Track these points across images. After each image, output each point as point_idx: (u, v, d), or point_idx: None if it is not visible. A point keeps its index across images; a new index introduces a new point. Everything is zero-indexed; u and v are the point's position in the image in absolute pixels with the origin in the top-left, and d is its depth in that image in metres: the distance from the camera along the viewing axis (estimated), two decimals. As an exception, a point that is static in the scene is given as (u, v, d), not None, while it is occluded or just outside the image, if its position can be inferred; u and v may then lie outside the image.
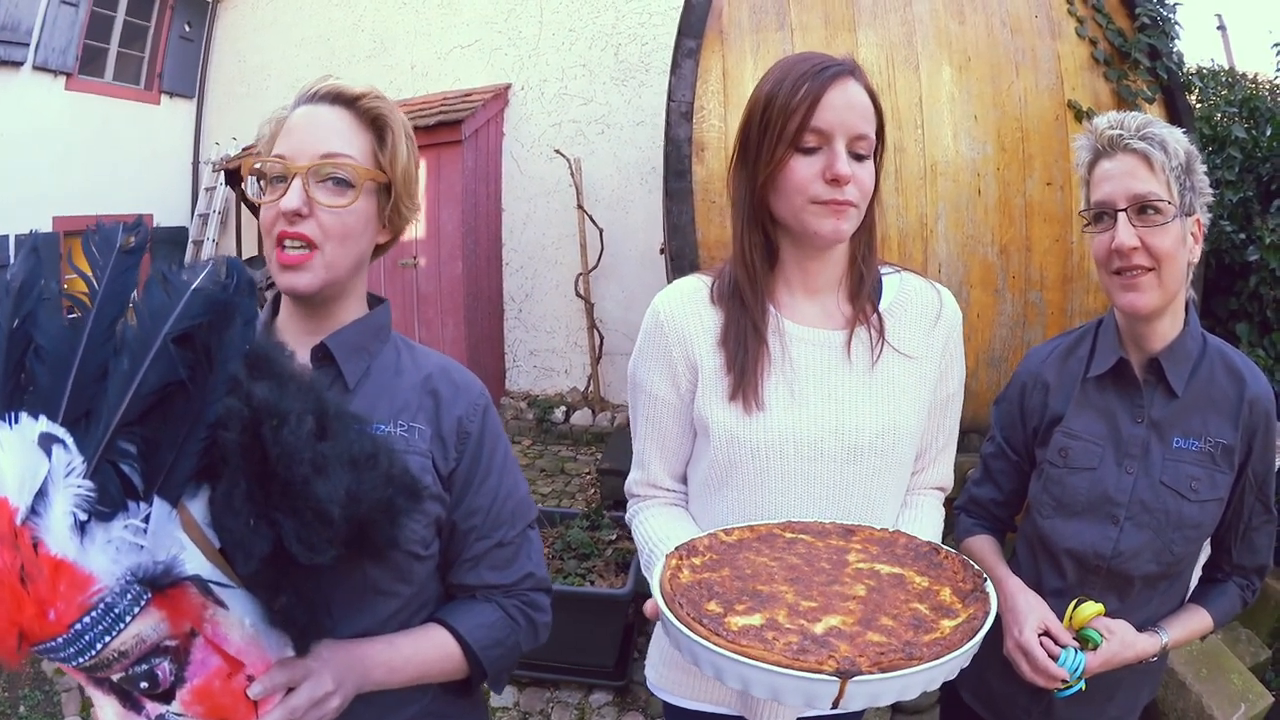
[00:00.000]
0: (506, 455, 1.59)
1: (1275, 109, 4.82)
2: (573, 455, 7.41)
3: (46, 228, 8.49)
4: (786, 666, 1.17)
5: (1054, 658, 1.71)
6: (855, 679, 1.16)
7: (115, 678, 1.08)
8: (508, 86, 8.50)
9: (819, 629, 1.28)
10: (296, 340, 1.41)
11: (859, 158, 1.55)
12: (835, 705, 1.17)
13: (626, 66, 8.08)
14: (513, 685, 4.14)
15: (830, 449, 1.62)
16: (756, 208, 1.63)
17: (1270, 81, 6.55)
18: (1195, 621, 1.91)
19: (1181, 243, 1.70)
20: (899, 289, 1.72)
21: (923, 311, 1.70)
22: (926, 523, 1.76)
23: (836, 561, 1.48)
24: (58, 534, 1.00)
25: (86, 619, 1.01)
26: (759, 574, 1.42)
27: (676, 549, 1.49)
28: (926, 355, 1.69)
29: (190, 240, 10.14)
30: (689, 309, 1.69)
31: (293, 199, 1.36)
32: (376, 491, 1.15)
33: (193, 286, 1.11)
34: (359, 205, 1.43)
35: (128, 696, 1.12)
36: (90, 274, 1.14)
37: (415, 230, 7.83)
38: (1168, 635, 1.84)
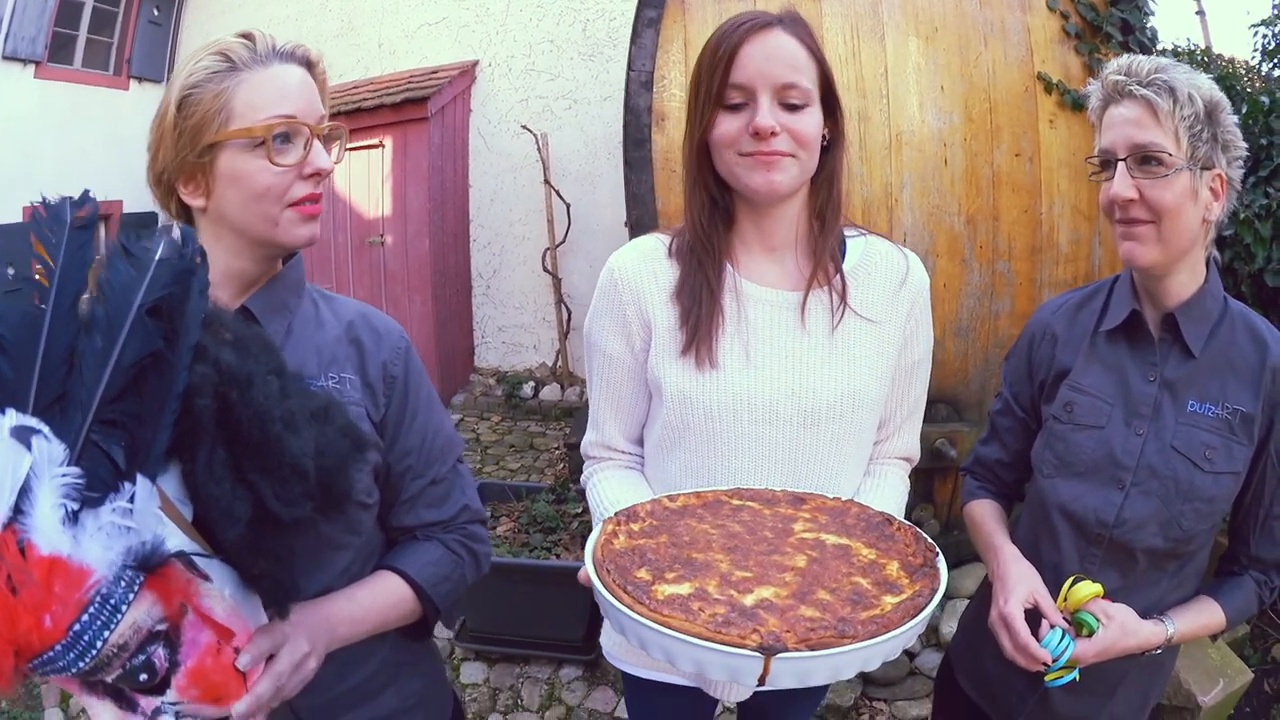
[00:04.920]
0: (430, 394, 1.62)
1: (1252, 89, 4.82)
2: (542, 431, 7.41)
3: (16, 218, 8.39)
4: (707, 639, 1.12)
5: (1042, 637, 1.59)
6: (780, 656, 1.11)
7: (112, 677, 1.04)
8: (475, 63, 8.43)
9: (749, 601, 1.23)
10: None
11: (793, 107, 1.51)
12: (762, 682, 1.13)
13: (594, 42, 8.02)
14: (482, 661, 4.14)
15: (786, 413, 1.58)
16: (699, 168, 1.61)
17: (1246, 63, 6.55)
18: (1205, 614, 1.75)
19: (1189, 197, 1.58)
20: (864, 251, 1.68)
21: (888, 275, 1.66)
22: (888, 493, 1.72)
23: (780, 530, 1.43)
24: (48, 530, 0.94)
25: (85, 616, 0.97)
26: (696, 541, 1.38)
27: (616, 514, 1.45)
28: (890, 320, 1.65)
29: (159, 225, 9.98)
30: (644, 266, 1.66)
31: (327, 161, 1.42)
32: (337, 443, 1.18)
33: (158, 257, 1.07)
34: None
35: (122, 696, 1.08)
36: (44, 254, 1.08)
37: (382, 207, 7.78)
38: (1174, 626, 1.69)
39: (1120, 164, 1.60)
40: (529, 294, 8.43)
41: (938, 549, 1.36)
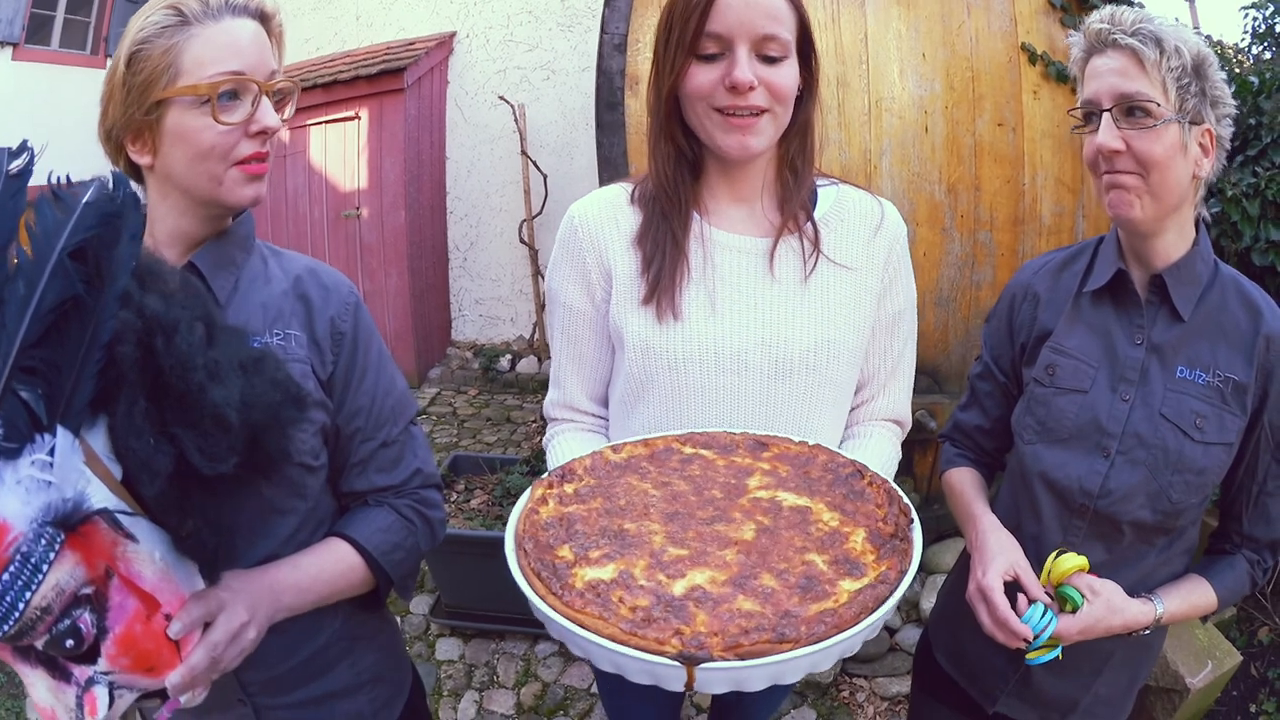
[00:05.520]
0: (381, 352, 1.57)
1: (1240, 70, 4.77)
2: (519, 404, 7.36)
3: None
4: (621, 642, 0.99)
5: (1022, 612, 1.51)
6: (704, 665, 0.97)
7: (40, 643, 1.02)
8: (452, 34, 8.32)
9: (678, 589, 1.09)
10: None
11: (771, 60, 1.44)
12: (689, 688, 1.00)
13: (573, 12, 7.92)
14: (458, 638, 4.10)
15: (756, 363, 1.51)
16: (666, 118, 1.53)
17: (1235, 47, 6.51)
18: (1196, 594, 1.67)
19: (1179, 151, 1.50)
20: (836, 199, 1.61)
21: (862, 221, 1.60)
22: (871, 452, 1.63)
23: (732, 489, 1.31)
24: None
25: (5, 575, 0.94)
26: (634, 506, 1.26)
27: (550, 474, 1.34)
28: (866, 267, 1.58)
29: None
30: (605, 212, 1.60)
31: (275, 119, 1.37)
32: (267, 396, 1.14)
33: (84, 200, 1.05)
34: None
35: (55, 665, 1.06)
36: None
37: (358, 180, 7.69)
38: (1163, 605, 1.61)
39: (1105, 114, 1.52)
40: (506, 266, 8.35)
41: (913, 512, 1.26)
